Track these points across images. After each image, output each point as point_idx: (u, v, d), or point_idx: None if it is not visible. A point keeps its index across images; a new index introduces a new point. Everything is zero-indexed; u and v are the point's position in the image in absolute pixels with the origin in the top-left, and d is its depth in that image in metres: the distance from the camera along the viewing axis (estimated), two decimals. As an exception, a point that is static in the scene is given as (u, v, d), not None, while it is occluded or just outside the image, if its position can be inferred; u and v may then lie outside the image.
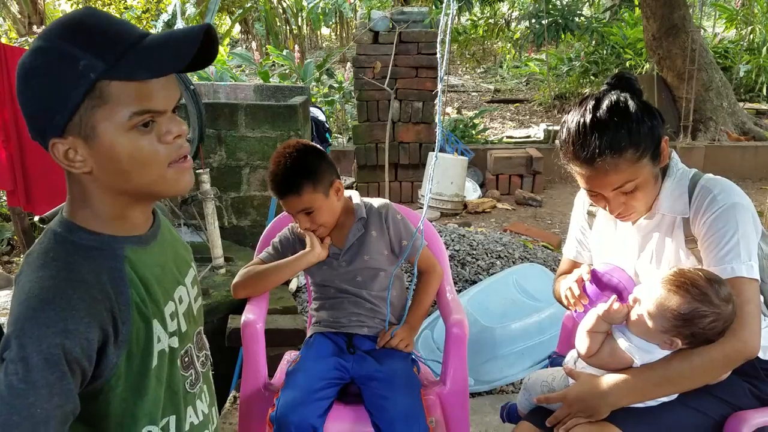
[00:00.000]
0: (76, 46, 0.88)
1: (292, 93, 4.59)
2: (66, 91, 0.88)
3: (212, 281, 3.10)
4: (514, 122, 9.53)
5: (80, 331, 0.86)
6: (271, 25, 12.03)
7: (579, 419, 1.42)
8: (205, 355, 1.18)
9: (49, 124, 0.89)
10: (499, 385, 2.69)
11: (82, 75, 0.87)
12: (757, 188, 6.06)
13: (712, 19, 11.30)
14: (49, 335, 0.84)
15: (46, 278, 0.89)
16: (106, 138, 0.90)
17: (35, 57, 0.90)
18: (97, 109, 0.89)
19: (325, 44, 15.16)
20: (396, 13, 5.66)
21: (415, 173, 5.92)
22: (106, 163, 0.92)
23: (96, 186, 0.95)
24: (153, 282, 1.00)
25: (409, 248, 1.85)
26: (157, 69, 0.90)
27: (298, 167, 1.76)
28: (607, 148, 1.35)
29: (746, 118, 7.64)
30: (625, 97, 1.40)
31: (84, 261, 0.93)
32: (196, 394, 1.11)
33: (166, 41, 0.91)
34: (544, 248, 3.91)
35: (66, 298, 0.87)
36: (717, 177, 1.47)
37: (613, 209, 1.46)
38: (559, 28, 8.06)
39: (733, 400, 1.46)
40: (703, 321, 1.30)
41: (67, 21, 0.92)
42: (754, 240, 1.39)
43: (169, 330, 1.02)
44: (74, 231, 0.95)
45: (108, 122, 0.90)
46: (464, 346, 1.83)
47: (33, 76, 0.89)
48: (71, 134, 0.90)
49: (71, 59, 0.87)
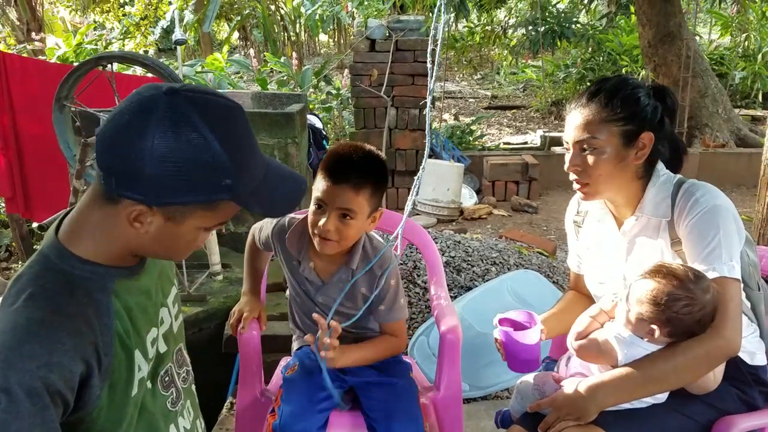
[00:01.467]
0: (232, 162, 0.92)
1: (289, 100, 4.61)
2: (196, 192, 0.92)
3: (209, 288, 3.11)
4: (511, 128, 9.57)
5: (64, 364, 0.88)
6: (269, 32, 12.07)
7: (568, 422, 1.44)
8: (186, 371, 1.19)
9: (154, 197, 0.91)
10: (494, 390, 2.71)
11: (220, 191, 0.93)
12: (751, 195, 6.08)
13: (707, 26, 11.36)
14: (33, 368, 0.85)
15: (32, 309, 0.89)
16: (185, 229, 0.96)
17: (192, 142, 0.89)
18: (200, 210, 0.95)
19: (323, 51, 15.21)
20: (392, 21, 5.70)
21: (411, 180, 5.92)
22: (166, 238, 0.97)
23: (127, 236, 0.96)
24: (137, 311, 1.02)
25: (385, 314, 1.74)
26: (269, 212, 1.02)
27: (374, 164, 1.59)
28: (599, 96, 1.46)
29: (742, 124, 7.67)
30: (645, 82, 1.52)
31: (74, 291, 0.93)
32: (178, 412, 1.13)
33: (281, 189, 1.01)
34: (539, 255, 3.93)
35: (52, 331, 0.88)
36: (700, 181, 1.50)
37: (570, 164, 1.50)
38: (555, 35, 8.10)
39: (721, 405, 1.48)
40: (676, 305, 1.34)
41: (230, 125, 0.93)
42: (735, 241, 1.42)
43: (149, 357, 1.04)
44: (66, 258, 0.95)
45: (199, 222, 0.96)
46: (458, 351, 1.85)
47: (175, 156, 0.88)
48: (160, 210, 0.93)
49: (223, 172, 0.91)
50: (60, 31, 10.76)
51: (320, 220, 1.56)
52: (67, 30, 11.20)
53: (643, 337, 1.39)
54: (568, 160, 1.50)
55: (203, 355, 2.16)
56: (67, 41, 7.83)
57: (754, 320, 1.53)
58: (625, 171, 1.49)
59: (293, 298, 1.83)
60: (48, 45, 7.79)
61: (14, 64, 3.46)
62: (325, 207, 1.56)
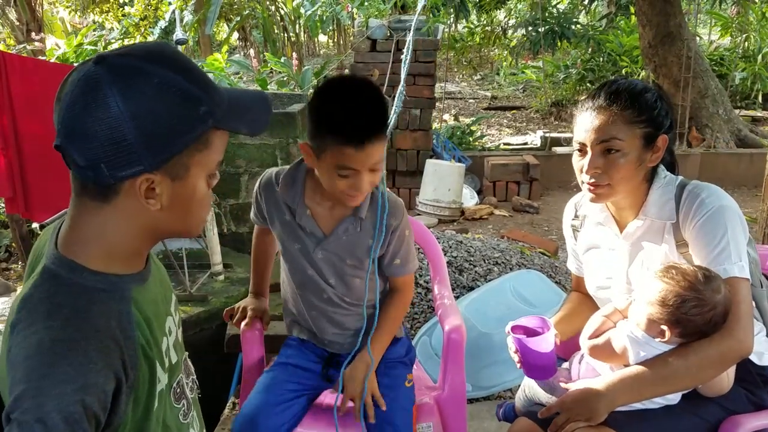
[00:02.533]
0: (199, 89, 0.89)
1: (290, 100, 4.60)
2: (182, 132, 0.88)
3: (211, 288, 3.10)
4: (511, 129, 9.57)
5: (98, 384, 0.83)
6: (269, 33, 12.07)
7: (578, 423, 1.43)
8: (192, 380, 1.16)
9: (150, 159, 0.86)
10: (497, 391, 2.70)
11: (202, 120, 0.89)
12: (752, 195, 6.09)
13: (707, 26, 11.37)
14: (69, 392, 0.80)
15: (56, 328, 0.84)
16: (192, 180, 0.92)
17: (155, 86, 0.85)
18: (196, 153, 0.91)
19: (323, 51, 15.22)
20: (393, 21, 5.70)
21: (413, 180, 5.94)
22: (179, 202, 0.93)
23: (143, 221, 0.92)
24: (153, 320, 0.98)
25: (399, 268, 1.66)
26: (252, 128, 0.97)
27: (381, 104, 1.43)
28: (621, 98, 1.43)
29: (742, 125, 7.68)
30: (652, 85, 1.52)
31: (92, 306, 0.88)
32: (189, 424, 1.10)
33: (250, 103, 0.97)
34: (541, 254, 3.93)
35: (83, 350, 0.83)
36: (703, 182, 1.50)
37: (590, 167, 1.45)
38: (555, 35, 8.11)
39: (730, 406, 1.48)
40: (685, 306, 1.33)
41: (178, 59, 0.90)
42: (742, 241, 1.42)
43: (165, 367, 1.00)
44: (77, 271, 0.90)
45: (200, 167, 0.92)
46: (462, 351, 1.84)
47: (150, 110, 0.85)
48: (162, 172, 0.88)
49: (194, 101, 0.88)
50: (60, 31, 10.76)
51: (358, 184, 1.44)
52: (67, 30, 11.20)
53: (655, 337, 1.39)
54: (587, 162, 1.46)
55: (205, 355, 2.15)
56: (68, 42, 7.82)
57: (760, 319, 1.53)
58: (640, 173, 1.48)
59: (285, 267, 1.70)
60: (48, 45, 7.79)
61: (14, 63, 3.45)
62: (359, 170, 1.43)
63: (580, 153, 1.49)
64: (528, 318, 1.60)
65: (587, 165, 1.46)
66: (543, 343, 1.51)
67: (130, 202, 0.90)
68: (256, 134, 0.97)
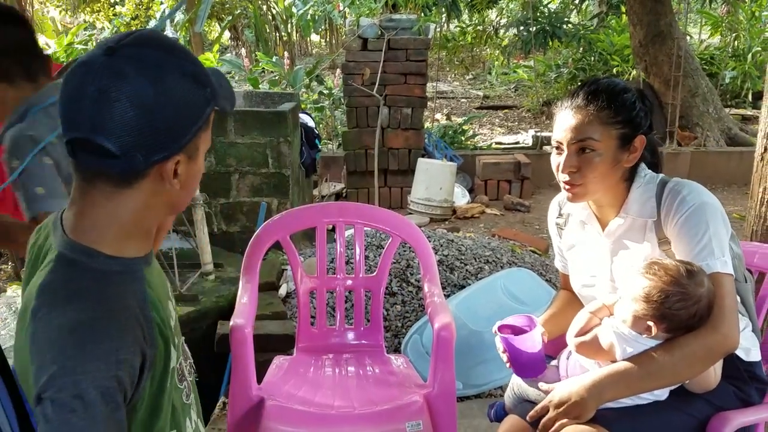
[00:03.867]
0: (201, 71, 0.95)
1: (281, 99, 4.60)
2: (200, 114, 0.94)
3: (201, 287, 3.10)
4: (502, 128, 9.58)
5: (129, 360, 0.87)
6: (261, 32, 12.03)
7: (566, 422, 1.43)
8: (190, 364, 1.19)
9: (177, 142, 0.92)
10: (487, 389, 2.70)
11: (209, 102, 0.95)
12: (742, 193, 6.12)
13: (698, 26, 11.41)
14: (103, 369, 0.83)
15: (83, 310, 0.87)
16: (200, 158, 0.99)
17: (176, 74, 0.90)
18: (202, 132, 0.97)
19: (315, 51, 15.19)
20: (385, 20, 5.69)
21: (404, 179, 5.94)
22: (192, 179, 0.99)
23: (161, 201, 0.97)
24: (163, 300, 1.02)
25: None
26: (233, 104, 1.03)
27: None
28: (598, 98, 1.45)
29: (732, 123, 7.72)
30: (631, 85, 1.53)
31: (111, 287, 0.91)
32: (191, 405, 1.13)
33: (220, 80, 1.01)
34: (531, 253, 3.94)
35: (110, 329, 0.87)
36: (684, 180, 1.51)
37: (565, 166, 1.47)
38: (546, 35, 8.13)
39: (718, 402, 1.49)
40: (669, 300, 1.34)
41: (177, 44, 0.96)
42: (725, 237, 1.43)
43: (176, 345, 1.04)
44: (93, 256, 0.93)
45: (205, 144, 0.99)
46: (452, 349, 1.84)
47: (175, 95, 0.90)
48: (183, 153, 0.94)
49: (203, 84, 0.94)
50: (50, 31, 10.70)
51: None
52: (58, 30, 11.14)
53: (642, 333, 1.39)
54: (562, 160, 1.48)
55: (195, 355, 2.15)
56: (58, 41, 7.79)
57: (745, 314, 1.54)
58: (617, 173, 1.49)
59: None
60: (38, 45, 7.73)
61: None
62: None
63: (558, 151, 1.51)
64: (515, 317, 1.61)
65: (562, 164, 1.48)
66: (530, 342, 1.52)
67: (154, 184, 0.94)
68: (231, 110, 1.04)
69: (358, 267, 2.29)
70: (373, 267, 2.89)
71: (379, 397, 1.89)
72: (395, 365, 2.14)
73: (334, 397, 1.90)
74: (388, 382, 2.01)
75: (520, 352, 1.52)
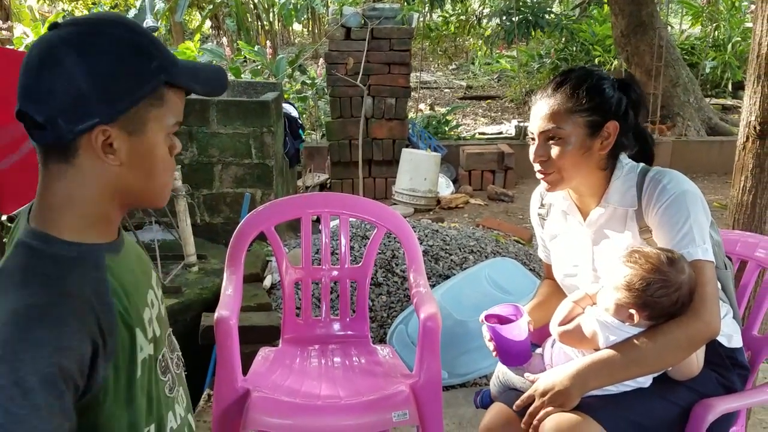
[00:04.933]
0: (150, 45, 0.93)
1: (264, 89, 4.56)
2: (136, 83, 0.91)
3: (185, 279, 3.08)
4: (486, 119, 9.60)
5: (74, 347, 0.84)
6: (242, 21, 11.93)
7: (552, 410, 1.44)
8: (177, 356, 1.18)
9: (105, 110, 0.89)
10: (472, 377, 2.72)
11: (155, 73, 0.92)
12: (722, 182, 6.19)
13: (678, 16, 11.49)
14: (45, 355, 0.81)
15: (30, 295, 0.85)
16: (150, 136, 0.94)
17: (107, 42, 0.90)
18: (152, 108, 0.93)
19: (297, 40, 15.09)
20: (368, 10, 5.67)
21: (388, 169, 5.93)
22: (140, 159, 0.95)
23: (106, 182, 0.94)
24: (131, 289, 0.99)
25: None
26: (208, 87, 1.01)
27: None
28: (564, 87, 1.47)
29: (712, 113, 7.80)
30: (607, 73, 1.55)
31: (67, 273, 0.90)
32: (174, 398, 1.10)
33: (204, 67, 1.03)
34: (515, 242, 3.96)
35: (56, 314, 0.84)
36: (665, 168, 1.52)
37: (535, 155, 1.51)
38: (529, 25, 8.12)
39: (701, 389, 1.50)
40: (650, 288, 1.35)
41: (131, 22, 0.95)
42: (705, 224, 1.45)
43: (148, 336, 1.01)
44: (51, 242, 0.92)
45: (158, 123, 0.95)
46: (437, 339, 1.85)
47: (102, 61, 0.89)
48: (118, 126, 0.91)
49: (147, 55, 0.92)
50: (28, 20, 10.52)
51: None
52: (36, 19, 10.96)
53: (624, 321, 1.40)
54: (533, 150, 1.52)
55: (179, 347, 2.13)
56: (35, 30, 7.67)
57: (726, 300, 1.56)
58: (590, 161, 1.50)
59: None
60: (16, 34, 7.63)
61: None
62: None
63: (532, 141, 1.53)
64: (501, 306, 1.61)
65: (532, 153, 1.51)
66: (516, 330, 1.52)
67: (92, 160, 0.92)
68: (211, 95, 1.02)
69: (344, 258, 2.28)
70: (359, 258, 2.89)
71: (366, 387, 1.89)
72: (381, 355, 2.14)
73: (321, 387, 1.90)
74: (375, 373, 2.01)
75: (507, 341, 1.53)
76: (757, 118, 2.02)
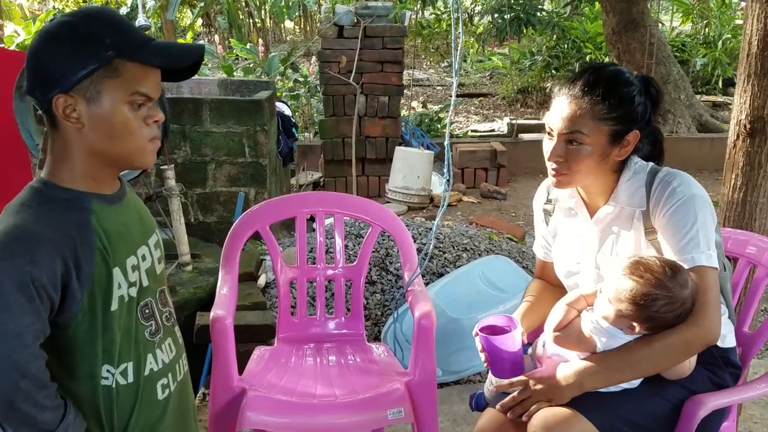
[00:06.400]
0: (105, 25, 1.10)
1: (257, 87, 4.55)
2: (88, 57, 1.07)
3: (179, 278, 3.07)
4: (478, 116, 9.61)
5: (46, 263, 1.03)
6: (234, 19, 11.89)
7: (541, 404, 1.45)
8: (168, 311, 1.33)
9: (62, 80, 1.07)
10: (466, 375, 2.74)
11: (106, 49, 1.08)
12: (713, 179, 6.23)
13: (669, 13, 11.53)
14: (19, 264, 1.00)
15: (18, 220, 1.05)
16: (107, 104, 1.10)
17: (64, 24, 1.09)
18: (107, 79, 1.09)
19: (289, 38, 15.05)
20: (360, 8, 5.66)
21: (382, 168, 5.94)
22: (100, 124, 1.10)
23: (80, 142, 1.11)
24: (116, 236, 1.16)
25: None
26: (169, 60, 1.14)
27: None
28: (595, 90, 1.42)
29: (703, 110, 7.83)
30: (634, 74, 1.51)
31: (54, 209, 1.09)
32: (156, 343, 1.25)
33: (173, 44, 1.17)
34: (508, 240, 3.97)
35: (34, 234, 1.04)
36: (675, 170, 1.51)
37: (552, 154, 1.47)
38: (521, 22, 8.14)
39: (692, 386, 1.51)
40: (656, 304, 1.34)
41: (94, 11, 1.12)
42: (712, 230, 1.44)
43: (130, 280, 1.18)
44: (49, 186, 1.12)
45: (113, 92, 1.10)
46: (432, 337, 1.86)
47: (60, 38, 1.08)
48: (77, 94, 1.08)
49: (99, 34, 1.09)
50: (18, 18, 10.45)
51: None
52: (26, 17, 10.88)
53: (623, 330, 1.41)
54: (551, 148, 1.47)
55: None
56: (26, 28, 7.62)
57: (722, 301, 1.56)
58: (605, 166, 1.49)
59: None
60: (6, 33, 7.58)
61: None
62: None
63: (549, 136, 1.50)
64: (495, 317, 1.60)
65: (550, 152, 1.48)
66: (510, 341, 1.51)
67: (66, 125, 1.10)
68: (168, 65, 1.14)
69: (338, 257, 2.29)
70: (353, 256, 2.89)
71: (361, 385, 1.90)
72: (376, 354, 2.15)
73: (316, 386, 1.91)
74: (370, 371, 2.02)
75: (500, 351, 1.52)
76: (747, 117, 2.04)
